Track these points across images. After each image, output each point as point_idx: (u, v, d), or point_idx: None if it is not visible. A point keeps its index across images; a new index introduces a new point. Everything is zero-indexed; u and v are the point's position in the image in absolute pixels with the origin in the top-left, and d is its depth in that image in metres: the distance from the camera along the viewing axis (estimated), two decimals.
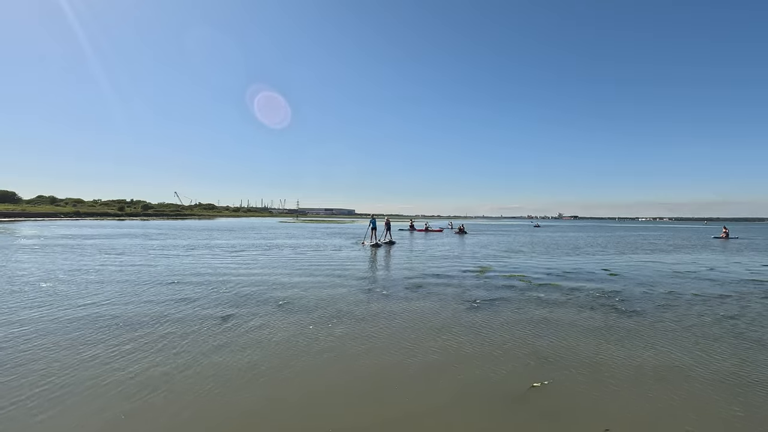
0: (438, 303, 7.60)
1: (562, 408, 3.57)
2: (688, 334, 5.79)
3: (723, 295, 8.72)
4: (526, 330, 5.92)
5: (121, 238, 23.69)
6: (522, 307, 7.36)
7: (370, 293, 8.40)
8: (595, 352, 4.99)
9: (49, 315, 6.30)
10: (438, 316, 6.66)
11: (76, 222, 52.85)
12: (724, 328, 6.14)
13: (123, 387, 3.82)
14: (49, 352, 4.71)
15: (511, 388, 3.94)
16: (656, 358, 4.84)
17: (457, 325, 6.14)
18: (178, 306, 7.00)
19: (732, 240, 32.31)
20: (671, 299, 8.19)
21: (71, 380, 3.95)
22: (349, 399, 3.71)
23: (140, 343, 5.07)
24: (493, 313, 6.84)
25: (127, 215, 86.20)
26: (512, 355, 4.85)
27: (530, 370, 4.39)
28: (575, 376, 4.25)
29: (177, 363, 4.44)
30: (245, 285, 9.08)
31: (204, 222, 63.96)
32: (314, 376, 4.19)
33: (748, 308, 7.44)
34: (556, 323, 6.30)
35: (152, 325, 5.87)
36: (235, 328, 5.77)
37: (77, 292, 8.06)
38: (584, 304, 7.69)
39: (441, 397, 3.74)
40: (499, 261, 14.99)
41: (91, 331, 5.49)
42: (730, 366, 4.60)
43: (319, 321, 6.22)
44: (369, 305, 7.32)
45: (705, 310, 7.22)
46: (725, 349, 5.18)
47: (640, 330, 5.99)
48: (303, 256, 15.44)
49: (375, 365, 4.50)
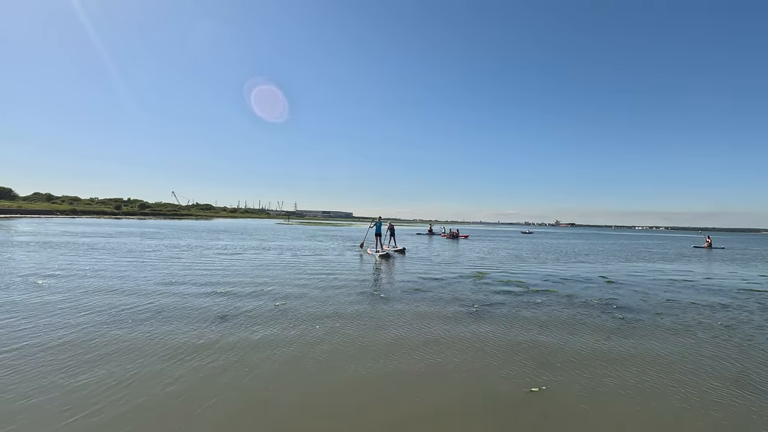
0: (436, 307, 7.62)
1: (559, 413, 3.58)
2: (685, 341, 5.84)
3: (721, 303, 8.78)
4: (523, 335, 5.94)
5: (120, 237, 23.58)
6: (519, 312, 7.38)
7: (371, 297, 8.40)
8: (592, 358, 5.01)
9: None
10: (436, 320, 6.68)
11: (72, 220, 52.58)
12: (721, 334, 6.18)
13: (111, 392, 3.82)
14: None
15: (508, 394, 3.95)
16: (654, 364, 4.87)
17: (455, 329, 6.15)
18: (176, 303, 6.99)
19: (715, 250, 32.03)
20: (668, 306, 8.24)
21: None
22: (348, 403, 3.71)
23: (123, 346, 5.07)
24: (490, 318, 6.86)
25: (124, 214, 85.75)
26: (510, 361, 4.87)
27: (528, 376, 4.41)
28: (573, 382, 4.26)
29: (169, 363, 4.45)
30: (243, 296, 9.07)
31: (202, 222, 63.77)
32: (313, 379, 4.19)
33: (738, 316, 7.49)
34: (554, 329, 6.32)
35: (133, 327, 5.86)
36: (230, 328, 5.77)
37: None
38: (581, 310, 7.72)
39: (439, 402, 3.75)
40: (496, 267, 15.02)
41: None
42: (731, 370, 4.63)
43: (319, 324, 6.22)
44: (368, 309, 7.32)
45: (702, 318, 7.27)
46: (725, 354, 5.23)
47: (637, 336, 6.02)
48: (307, 266, 15.38)
49: (374, 370, 4.50)
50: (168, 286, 8.78)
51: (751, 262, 20.74)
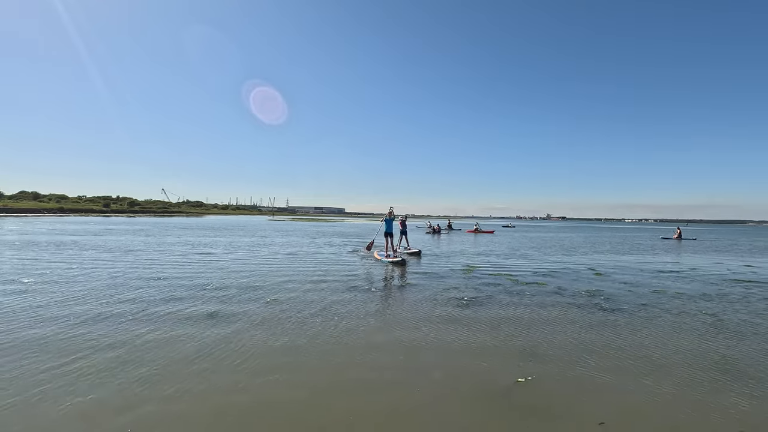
0: (425, 300, 7.66)
1: (548, 402, 3.63)
2: (671, 329, 5.95)
3: (704, 293, 8.96)
4: (511, 327, 6.00)
5: (110, 235, 23.27)
6: (508, 304, 7.45)
7: (355, 290, 8.41)
8: (578, 348, 5.08)
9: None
10: (424, 313, 6.71)
11: (60, 218, 51.75)
12: (705, 321, 6.32)
13: (120, 381, 3.79)
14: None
15: (496, 384, 3.99)
16: (641, 352, 4.96)
17: (444, 322, 6.19)
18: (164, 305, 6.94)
19: (685, 241, 32.30)
20: (654, 297, 8.38)
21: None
22: (336, 395, 3.72)
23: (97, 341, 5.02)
24: (479, 310, 6.91)
25: (113, 212, 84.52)
26: (498, 352, 4.92)
27: (516, 366, 4.46)
28: (559, 372, 4.33)
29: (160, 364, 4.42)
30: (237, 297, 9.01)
31: (192, 219, 63.17)
32: (300, 372, 4.20)
33: (721, 304, 7.66)
34: (542, 320, 6.40)
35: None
36: (222, 326, 5.75)
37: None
38: (569, 301, 7.82)
39: (427, 393, 3.77)
40: (486, 260, 15.13)
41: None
42: (716, 359, 4.75)
43: (308, 318, 6.22)
44: (355, 302, 7.33)
45: (690, 307, 7.41)
46: (708, 343, 5.34)
47: (624, 326, 6.12)
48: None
49: (362, 363, 4.52)
50: (156, 281, 8.71)
51: (713, 253, 21.18)
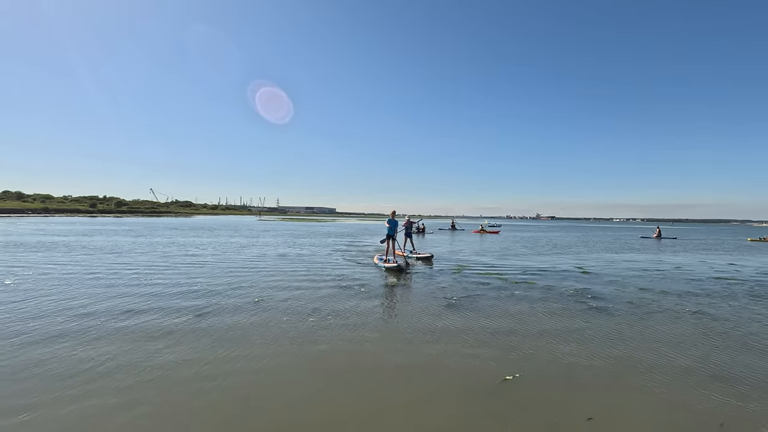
0: (414, 300, 7.69)
1: (535, 399, 3.67)
2: (657, 326, 6.07)
3: (688, 291, 9.15)
4: (499, 325, 6.06)
5: (95, 236, 22.86)
6: (496, 303, 7.52)
7: (348, 290, 8.41)
8: (567, 345, 5.15)
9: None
10: (414, 312, 6.74)
11: (45, 219, 50.71)
12: (689, 319, 6.46)
13: (117, 385, 3.75)
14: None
15: (484, 382, 4.03)
16: (628, 350, 5.05)
17: (433, 321, 6.22)
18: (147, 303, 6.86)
19: (664, 240, 32.99)
20: (640, 295, 8.54)
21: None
22: (324, 396, 3.71)
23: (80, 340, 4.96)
24: (468, 310, 6.96)
25: (100, 212, 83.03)
26: (486, 350, 4.95)
27: (503, 364, 4.50)
28: (545, 369, 4.39)
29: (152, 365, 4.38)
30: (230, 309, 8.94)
31: (181, 219, 62.41)
32: (288, 373, 4.18)
33: (704, 300, 7.84)
34: (530, 318, 6.47)
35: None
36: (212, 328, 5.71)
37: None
38: (557, 300, 7.92)
39: (416, 392, 3.79)
40: (475, 259, 15.25)
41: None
42: (699, 355, 4.87)
43: (296, 318, 6.21)
44: (345, 303, 7.34)
45: (674, 304, 7.57)
46: (692, 340, 5.47)
47: (610, 323, 6.22)
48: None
49: (350, 362, 4.52)
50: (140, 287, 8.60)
51: (687, 252, 21.72)
